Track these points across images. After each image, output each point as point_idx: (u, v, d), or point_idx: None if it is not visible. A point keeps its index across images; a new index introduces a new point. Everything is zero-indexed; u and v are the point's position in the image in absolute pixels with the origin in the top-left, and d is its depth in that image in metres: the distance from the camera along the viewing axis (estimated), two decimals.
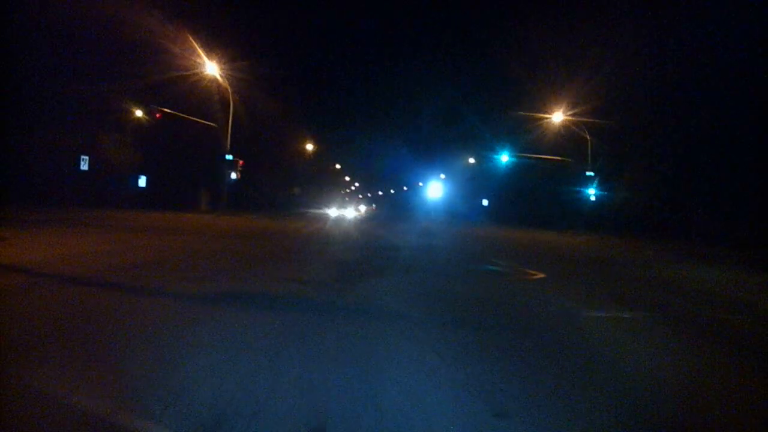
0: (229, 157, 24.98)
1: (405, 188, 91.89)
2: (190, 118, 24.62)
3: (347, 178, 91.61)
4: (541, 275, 8.58)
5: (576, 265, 11.30)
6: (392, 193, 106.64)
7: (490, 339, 4.20)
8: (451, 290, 6.74)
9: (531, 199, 37.16)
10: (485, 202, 44.22)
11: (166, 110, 23.68)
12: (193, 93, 25.84)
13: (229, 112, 25.51)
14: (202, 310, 4.72)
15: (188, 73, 24.05)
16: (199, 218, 22.20)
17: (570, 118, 30.32)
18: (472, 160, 42.58)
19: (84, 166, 24.91)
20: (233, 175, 24.86)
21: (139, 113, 27.42)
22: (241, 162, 25.32)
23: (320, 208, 43.46)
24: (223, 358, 3.28)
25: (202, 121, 25.11)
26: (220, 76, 24.70)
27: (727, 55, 24.85)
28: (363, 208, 75.63)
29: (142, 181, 29.72)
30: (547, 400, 2.86)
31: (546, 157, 31.06)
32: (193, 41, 23.45)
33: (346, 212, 42.68)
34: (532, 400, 2.86)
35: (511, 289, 7.13)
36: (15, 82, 23.73)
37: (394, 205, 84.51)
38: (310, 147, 40.24)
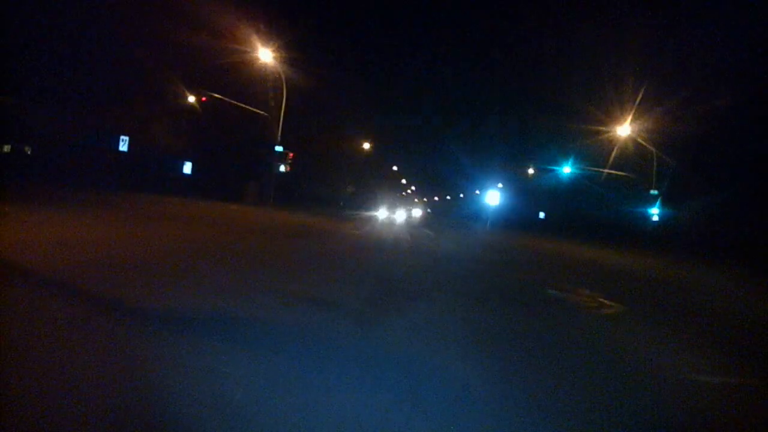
0: (279, 148, 23.99)
1: (461, 195, 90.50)
2: (239, 104, 23.67)
3: (404, 181, 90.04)
4: (622, 307, 7.17)
5: (654, 291, 9.84)
6: (448, 200, 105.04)
7: None
8: (521, 329, 5.05)
9: (590, 214, 35.12)
10: (542, 215, 42.41)
11: (214, 95, 22.75)
12: (247, 80, 24.95)
13: (282, 101, 24.53)
14: (149, 344, 3.16)
15: (240, 57, 23.17)
16: (241, 210, 21.19)
17: (636, 134, 28.35)
18: (531, 171, 40.90)
19: (123, 147, 24.20)
20: (282, 168, 23.84)
21: (188, 98, 26.70)
22: (291, 154, 24.32)
23: (372, 210, 42.36)
24: None
25: (252, 108, 24.12)
26: (274, 62, 23.75)
27: None
28: (417, 212, 74.02)
29: (188, 168, 28.89)
30: None
31: (609, 171, 29.08)
32: (248, 25, 22.68)
33: (396, 215, 40.99)
34: None
35: (601, 332, 5.57)
36: (59, 53, 23.28)
37: (450, 212, 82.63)
38: (367, 146, 39.12)
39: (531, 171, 41.48)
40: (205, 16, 23.87)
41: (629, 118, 28.25)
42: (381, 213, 36.65)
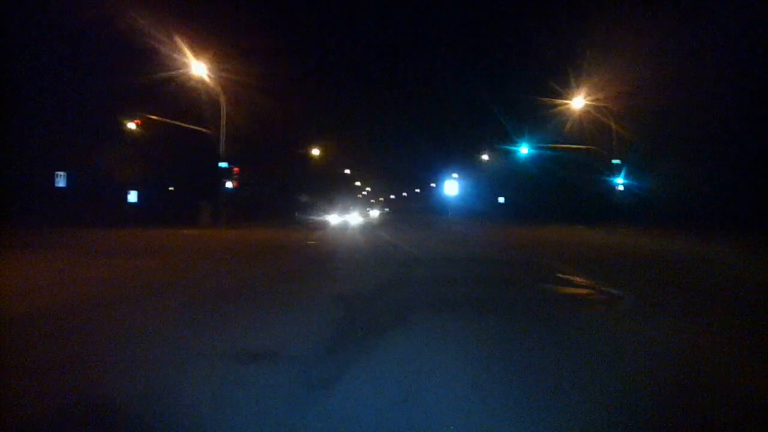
0: (223, 164, 22.76)
1: (417, 190, 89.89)
2: (178, 123, 22.39)
3: (358, 183, 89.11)
4: (629, 295, 6.19)
5: (650, 272, 8.89)
6: (405, 196, 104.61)
7: None
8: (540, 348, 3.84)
9: (553, 193, 34.66)
10: (501, 200, 41.66)
11: (150, 116, 21.43)
12: (184, 97, 23.63)
13: (222, 116, 23.28)
14: None
15: (173, 74, 21.85)
16: (191, 235, 19.91)
17: (591, 103, 27.91)
18: (486, 157, 40.25)
19: (61, 183, 22.66)
20: (229, 184, 22.61)
21: (126, 123, 25.22)
22: (236, 169, 23.09)
23: (327, 216, 41.06)
24: None
25: (192, 126, 22.87)
26: (209, 77, 22.51)
27: None
28: (375, 212, 73.06)
29: (133, 196, 27.38)
30: None
31: (567, 146, 28.55)
32: (179, 41, 21.40)
33: (350, 218, 39.32)
34: None
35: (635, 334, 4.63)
36: None
37: (408, 208, 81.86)
38: (316, 152, 37.95)
39: (485, 157, 40.98)
40: (130, 37, 22.53)
41: (583, 90, 27.90)
42: (335, 218, 35.01)
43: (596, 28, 30.33)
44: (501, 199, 41.32)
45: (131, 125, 23.00)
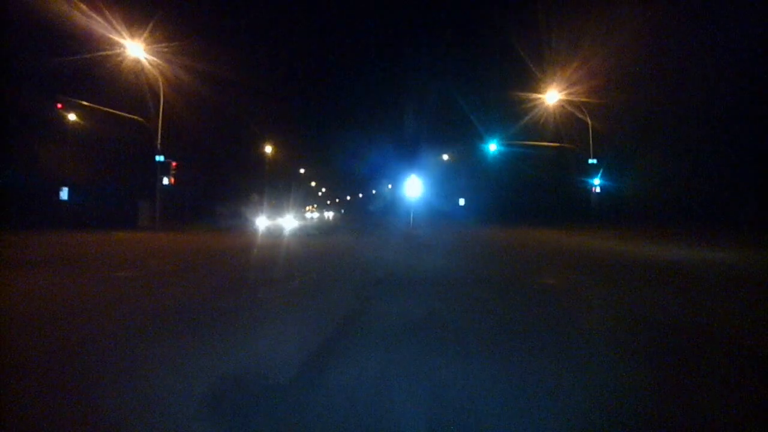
0: (160, 158, 20.27)
1: (374, 191, 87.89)
2: (109, 110, 19.79)
3: (313, 184, 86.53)
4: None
5: (636, 282, 6.97)
6: (361, 198, 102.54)
7: None
8: None
9: (522, 193, 32.91)
10: (462, 202, 39.62)
11: (74, 100, 18.80)
12: (119, 83, 20.94)
13: (160, 104, 20.76)
14: None
15: (103, 54, 19.30)
16: (120, 239, 17.43)
17: (567, 98, 26.27)
18: (446, 156, 38.36)
19: None
20: (165, 180, 20.13)
21: (57, 112, 22.37)
22: (174, 164, 20.62)
23: (277, 217, 38.16)
24: None
25: (121, 113, 20.25)
26: (146, 59, 20.02)
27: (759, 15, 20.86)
28: (330, 214, 70.51)
29: (64, 194, 24.50)
30: None
31: (539, 143, 26.79)
32: (108, 16, 18.89)
33: (284, 221, 34.78)
34: None
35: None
36: None
37: (365, 210, 79.29)
38: (269, 149, 35.56)
39: (446, 156, 39.14)
40: (55, 10, 19.86)
41: (557, 85, 26.24)
42: (259, 221, 30.73)
43: (572, 18, 28.66)
44: (461, 201, 39.39)
45: (69, 115, 20.26)
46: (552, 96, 26.23)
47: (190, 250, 12.59)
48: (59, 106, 19.21)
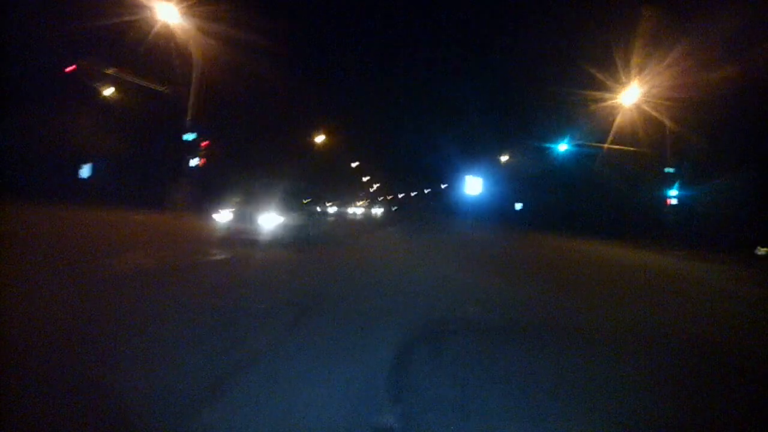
0: (189, 136, 18.03)
1: (427, 191, 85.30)
2: (134, 79, 17.57)
3: (366, 178, 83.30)
4: None
5: None
6: (414, 196, 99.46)
7: None
8: None
9: (589, 200, 29.58)
10: (519, 206, 36.81)
11: (92, 64, 16.63)
12: (148, 51, 18.68)
13: (194, 75, 18.47)
14: None
15: (133, 18, 17.08)
16: (133, 220, 15.26)
17: (645, 99, 22.97)
18: (505, 158, 35.31)
19: None
20: (195, 161, 17.87)
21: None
22: (204, 144, 18.36)
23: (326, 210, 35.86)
24: None
25: (153, 85, 18.02)
26: (179, 25, 17.70)
27: None
28: (379, 210, 67.64)
29: (86, 171, 22.58)
30: None
31: (612, 146, 23.54)
32: None
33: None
34: None
35: None
36: None
37: (418, 208, 75.89)
38: (320, 139, 33.36)
39: (505, 157, 36.16)
40: None
41: (636, 82, 22.98)
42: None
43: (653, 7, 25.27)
44: (518, 206, 36.56)
45: (92, 82, 18.03)
46: (629, 95, 23.05)
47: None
48: (72, 68, 16.92)
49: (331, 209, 47.16)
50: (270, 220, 10.56)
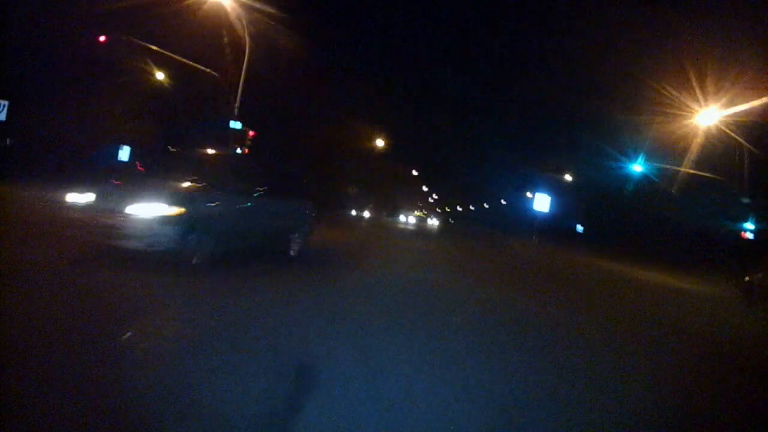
0: (236, 124, 16.82)
1: (486, 205, 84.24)
2: (178, 57, 16.36)
3: (425, 188, 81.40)
4: None
5: None
6: (474, 210, 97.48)
7: None
8: None
9: (649, 225, 27.42)
10: (580, 228, 34.96)
11: (128, 37, 15.42)
12: (195, 32, 17.50)
13: (244, 61, 17.24)
14: None
15: None
16: None
17: (725, 119, 20.80)
18: (569, 177, 33.58)
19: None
20: (238, 151, 16.58)
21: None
22: (252, 133, 17.09)
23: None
24: None
25: (191, 63, 16.74)
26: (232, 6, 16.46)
27: None
28: (435, 221, 65.94)
29: (124, 153, 21.52)
30: None
31: (692, 171, 21.37)
32: None
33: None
34: None
35: None
36: None
37: (476, 221, 73.52)
38: (380, 143, 32.44)
39: (569, 176, 34.42)
40: None
41: (714, 102, 20.84)
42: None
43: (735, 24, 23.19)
44: (580, 228, 34.74)
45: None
46: (706, 116, 20.94)
47: None
48: (102, 39, 15.60)
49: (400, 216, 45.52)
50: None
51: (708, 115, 21.01)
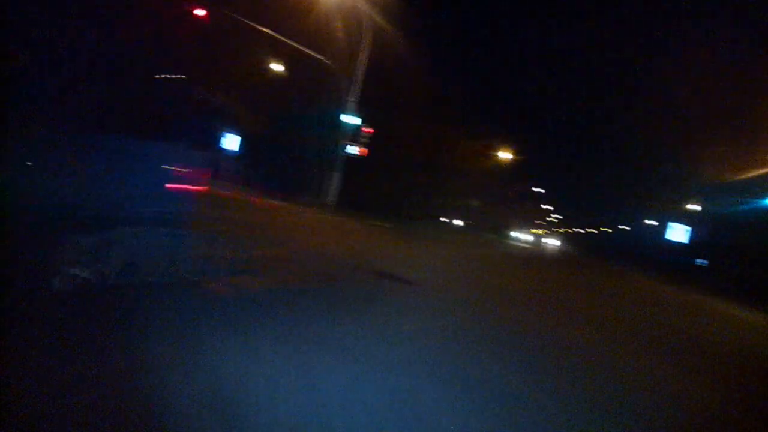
0: (349, 118, 15.41)
1: (609, 230, 79.36)
2: (292, 42, 14.93)
3: (549, 207, 77.34)
4: None
5: None
6: (598, 233, 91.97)
7: None
8: None
9: None
10: (702, 262, 31.25)
11: (232, 15, 14.07)
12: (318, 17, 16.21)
13: (363, 52, 15.84)
14: None
15: None
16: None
17: None
18: (698, 207, 30.03)
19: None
20: (352, 150, 15.25)
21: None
22: (369, 130, 15.57)
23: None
24: None
25: (307, 50, 15.24)
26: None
27: None
28: (556, 242, 61.86)
29: (234, 143, 20.80)
30: None
31: None
32: None
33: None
34: None
35: None
36: None
37: (596, 245, 67.88)
38: (507, 156, 30.60)
39: (695, 207, 30.68)
40: None
41: None
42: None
43: None
44: (701, 261, 31.15)
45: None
46: None
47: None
48: (204, 14, 14.11)
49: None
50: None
51: None
